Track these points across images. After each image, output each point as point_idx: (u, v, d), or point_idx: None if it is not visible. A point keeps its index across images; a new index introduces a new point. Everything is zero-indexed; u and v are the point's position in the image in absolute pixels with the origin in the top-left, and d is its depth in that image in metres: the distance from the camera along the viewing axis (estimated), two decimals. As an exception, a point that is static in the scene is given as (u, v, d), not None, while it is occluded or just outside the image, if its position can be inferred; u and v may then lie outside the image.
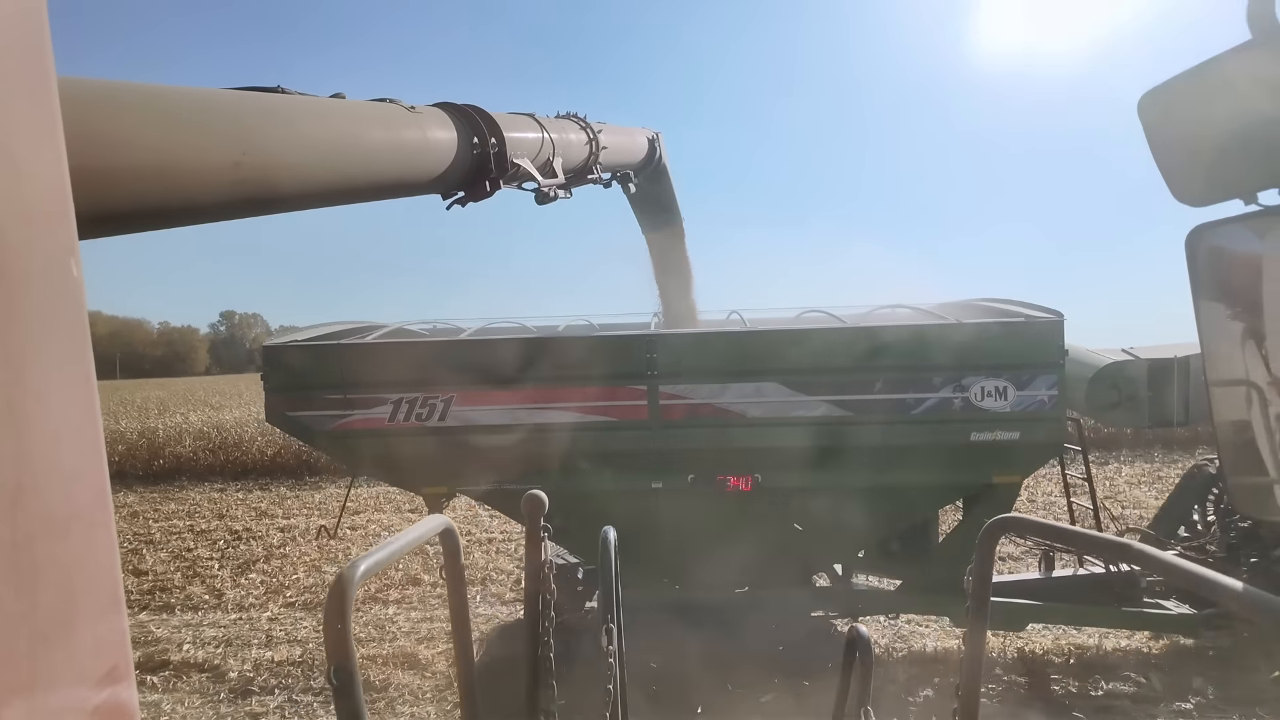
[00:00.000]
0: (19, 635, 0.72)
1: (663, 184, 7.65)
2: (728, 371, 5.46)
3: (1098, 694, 6.01)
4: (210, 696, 6.30)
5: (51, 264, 0.79)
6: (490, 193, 4.08)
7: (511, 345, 5.89)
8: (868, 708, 2.32)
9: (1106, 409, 5.96)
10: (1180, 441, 15.75)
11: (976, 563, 1.83)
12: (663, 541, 5.63)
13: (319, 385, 5.53)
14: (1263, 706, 5.46)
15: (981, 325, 5.51)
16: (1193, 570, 1.26)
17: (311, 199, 2.90)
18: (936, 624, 7.30)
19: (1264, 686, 5.66)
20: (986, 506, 5.65)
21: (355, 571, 1.24)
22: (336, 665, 1.17)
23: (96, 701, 0.81)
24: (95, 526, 0.83)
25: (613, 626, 2.28)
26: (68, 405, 0.81)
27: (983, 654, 1.84)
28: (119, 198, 1.92)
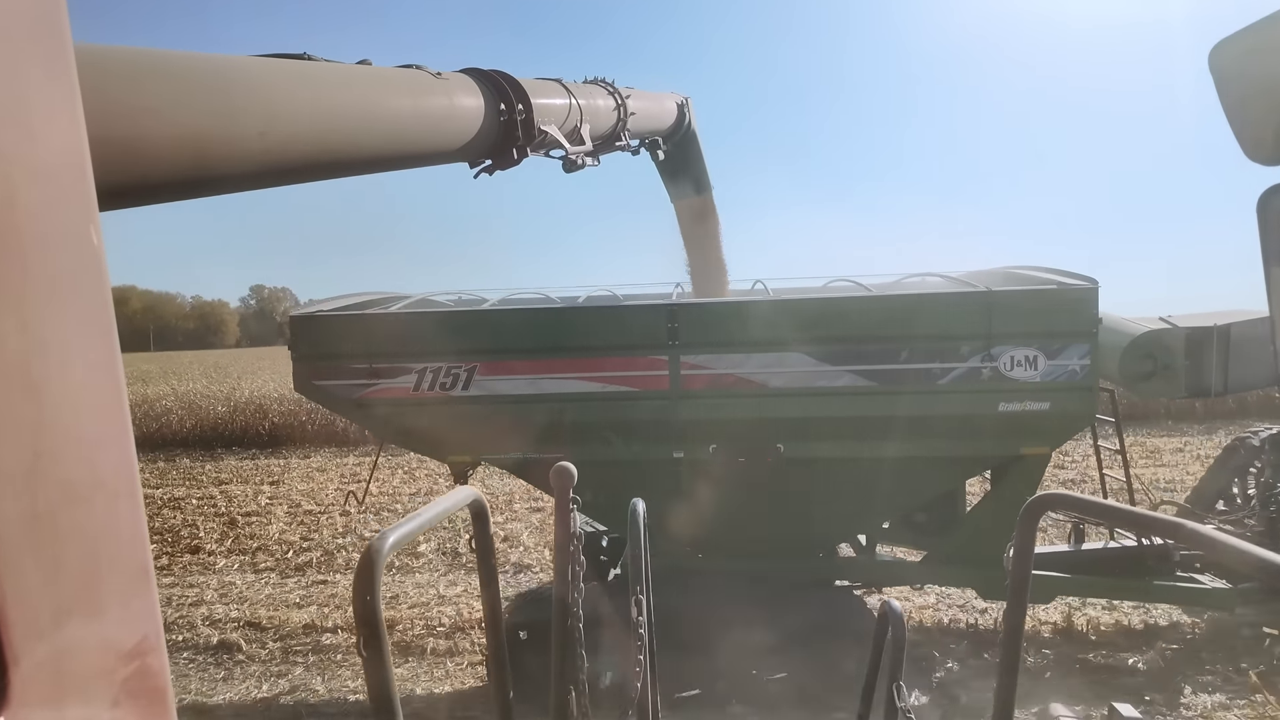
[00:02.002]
0: (41, 607, 0.71)
1: (692, 150, 7.53)
2: (750, 341, 5.40)
3: (1127, 666, 5.97)
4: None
5: (70, 232, 0.78)
6: (518, 160, 4.04)
7: (533, 315, 5.89)
8: (900, 683, 2.31)
9: (1142, 379, 5.83)
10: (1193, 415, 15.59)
11: (1018, 539, 1.79)
12: (684, 511, 5.62)
13: (345, 355, 5.56)
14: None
15: (1011, 293, 5.39)
16: (1254, 552, 1.21)
17: (338, 168, 2.87)
18: (960, 595, 7.27)
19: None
20: (1014, 478, 5.59)
21: (384, 543, 1.24)
22: (366, 636, 1.17)
23: (125, 673, 0.81)
24: (120, 496, 0.82)
25: (642, 597, 2.27)
26: (89, 373, 0.79)
27: (1022, 630, 1.81)
28: (145, 167, 1.90)
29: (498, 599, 1.84)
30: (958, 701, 5.49)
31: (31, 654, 0.69)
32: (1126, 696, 4.99)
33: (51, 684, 0.72)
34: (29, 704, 0.68)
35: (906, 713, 2.25)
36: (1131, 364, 5.81)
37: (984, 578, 5.84)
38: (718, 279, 7.92)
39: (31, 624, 0.69)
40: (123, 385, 0.83)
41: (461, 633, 7.06)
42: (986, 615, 6.89)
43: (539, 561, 8.82)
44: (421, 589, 8.24)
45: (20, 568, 0.69)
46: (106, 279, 0.81)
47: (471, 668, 6.40)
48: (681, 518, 5.63)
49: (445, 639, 6.91)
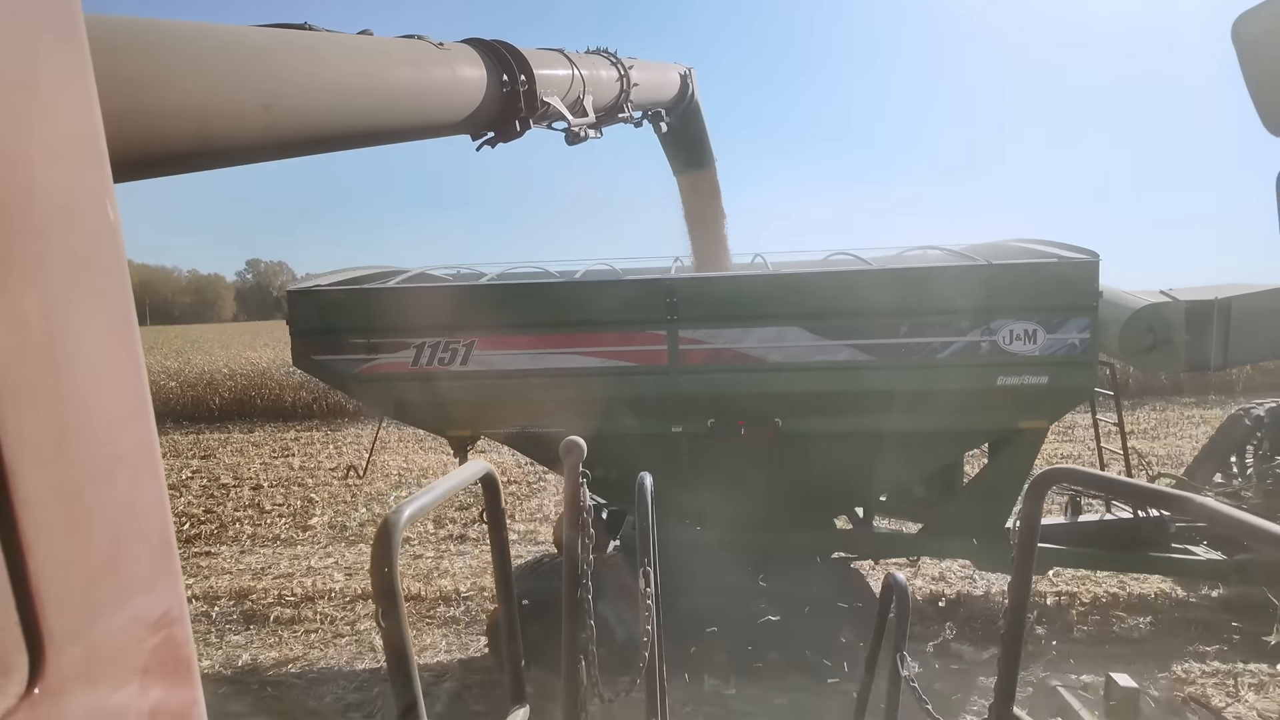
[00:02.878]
0: (71, 580, 0.72)
1: (695, 122, 7.46)
2: (749, 316, 5.39)
3: (1123, 636, 6.05)
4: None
5: (87, 206, 0.78)
6: (520, 133, 4.00)
7: (531, 290, 5.87)
8: (903, 652, 2.35)
9: (1141, 352, 5.83)
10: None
11: (1024, 512, 1.81)
12: (684, 484, 5.65)
13: (343, 330, 5.55)
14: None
15: (1010, 266, 5.38)
16: (1259, 525, 1.22)
17: (342, 141, 2.85)
18: (953, 567, 7.36)
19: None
20: (1012, 452, 5.62)
21: (400, 516, 1.25)
22: (385, 606, 1.19)
23: (153, 642, 0.82)
24: (142, 470, 0.83)
25: (650, 569, 2.30)
26: (109, 348, 0.80)
27: (1027, 601, 1.84)
28: (151, 140, 1.89)
29: (509, 570, 1.86)
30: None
31: (64, 627, 0.70)
32: (1122, 666, 5.08)
33: (83, 656, 0.73)
34: (63, 676, 0.69)
35: (910, 681, 2.29)
36: (1132, 338, 5.80)
37: (980, 549, 5.90)
38: (719, 253, 7.89)
39: (63, 598, 0.70)
40: (141, 360, 0.83)
41: (309, 603, 7.37)
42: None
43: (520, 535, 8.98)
44: (296, 560, 8.65)
45: (50, 544, 0.69)
46: (123, 254, 0.81)
47: (307, 635, 6.73)
48: (680, 492, 5.67)
49: (292, 608, 7.25)
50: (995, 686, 1.90)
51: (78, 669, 0.72)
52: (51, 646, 0.68)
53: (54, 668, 0.68)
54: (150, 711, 0.81)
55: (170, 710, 0.84)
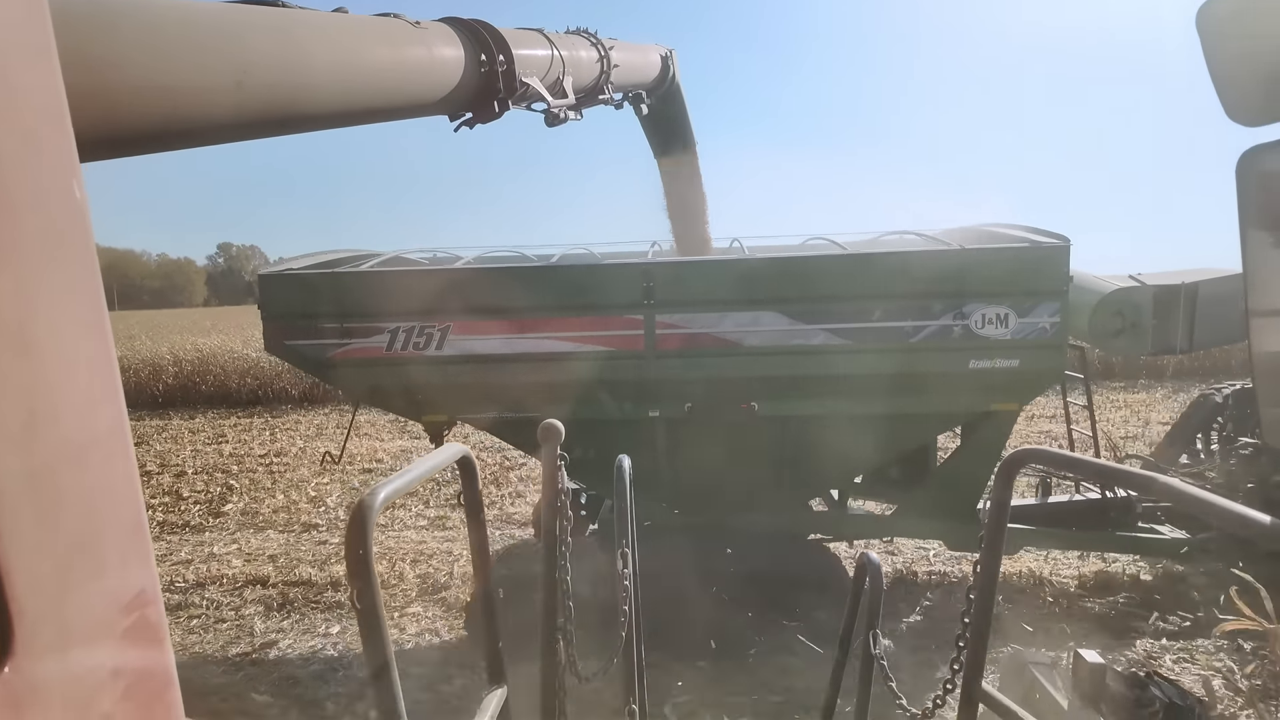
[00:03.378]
0: (43, 563, 0.72)
1: (676, 105, 7.43)
2: (725, 300, 5.41)
3: (1088, 613, 6.17)
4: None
5: (52, 186, 0.76)
6: (499, 114, 3.97)
7: (506, 274, 5.84)
8: (876, 630, 2.39)
9: (1110, 336, 5.93)
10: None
11: (995, 492, 1.85)
12: (661, 468, 5.67)
13: (316, 314, 5.49)
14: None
15: (983, 251, 5.44)
16: (1221, 504, 1.25)
17: (315, 121, 2.81)
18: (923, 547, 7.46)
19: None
20: (984, 434, 5.70)
21: (375, 499, 1.25)
22: (359, 589, 1.19)
23: (126, 624, 0.83)
24: (114, 454, 0.83)
25: (628, 550, 2.32)
26: (79, 331, 0.79)
27: (995, 581, 1.87)
28: (119, 119, 1.85)
29: (487, 553, 1.87)
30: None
31: (35, 607, 0.70)
32: (1089, 642, 5.19)
33: (55, 636, 0.73)
34: (33, 654, 0.69)
35: (881, 659, 2.33)
36: (1101, 321, 5.89)
37: (952, 530, 5.98)
38: (700, 237, 7.88)
39: (33, 579, 0.70)
40: (111, 342, 0.82)
41: (198, 589, 7.38)
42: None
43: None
44: (200, 546, 8.64)
45: (20, 525, 0.69)
46: (91, 234, 0.80)
47: (188, 620, 6.71)
48: (657, 475, 5.69)
49: (180, 594, 7.25)
50: (964, 662, 1.94)
51: (49, 650, 0.72)
52: (21, 627, 0.68)
53: (24, 648, 0.68)
54: (125, 692, 0.81)
55: (145, 690, 0.84)
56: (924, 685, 5.12)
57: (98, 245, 0.84)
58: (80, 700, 0.76)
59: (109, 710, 0.79)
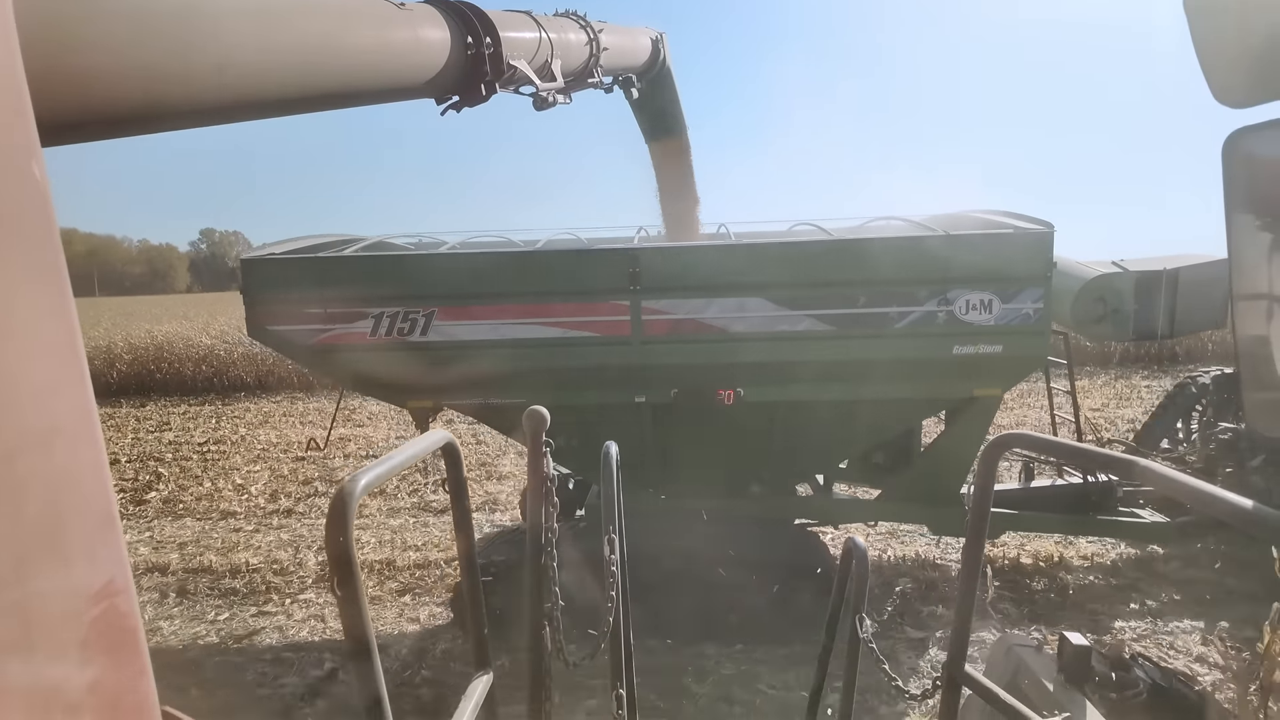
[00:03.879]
0: (4, 552, 0.71)
1: (666, 88, 7.36)
2: (711, 286, 5.40)
3: (1065, 596, 6.24)
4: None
5: (10, 166, 0.74)
6: (486, 97, 3.92)
7: (491, 259, 5.81)
8: (862, 614, 2.41)
9: (1092, 322, 5.96)
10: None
11: (979, 476, 1.85)
12: (647, 454, 5.68)
13: (299, 299, 5.45)
14: (1222, 610, 5.68)
15: (967, 237, 5.44)
16: (1200, 487, 1.26)
17: (299, 104, 2.76)
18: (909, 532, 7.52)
19: (1230, 593, 5.87)
20: (966, 419, 5.72)
21: (356, 485, 1.23)
22: (340, 577, 1.19)
23: (93, 614, 0.81)
24: (80, 441, 0.81)
25: (615, 535, 2.33)
26: (40, 316, 0.77)
27: (979, 563, 1.88)
28: (99, 100, 1.81)
29: (472, 539, 1.87)
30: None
31: None
32: (1070, 625, 5.25)
33: (18, 626, 0.71)
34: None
35: (868, 643, 2.35)
36: (1083, 307, 5.93)
37: (936, 514, 6.03)
38: (690, 221, 7.84)
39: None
40: (76, 328, 0.80)
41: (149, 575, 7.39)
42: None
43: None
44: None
45: None
46: (53, 216, 0.78)
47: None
48: (644, 461, 5.70)
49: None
50: (948, 645, 1.95)
51: (13, 638, 0.70)
52: None
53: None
54: (93, 684, 0.80)
55: (115, 682, 0.83)
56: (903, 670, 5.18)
57: (77, 231, 0.83)
58: (46, 694, 0.74)
59: (77, 701, 0.77)
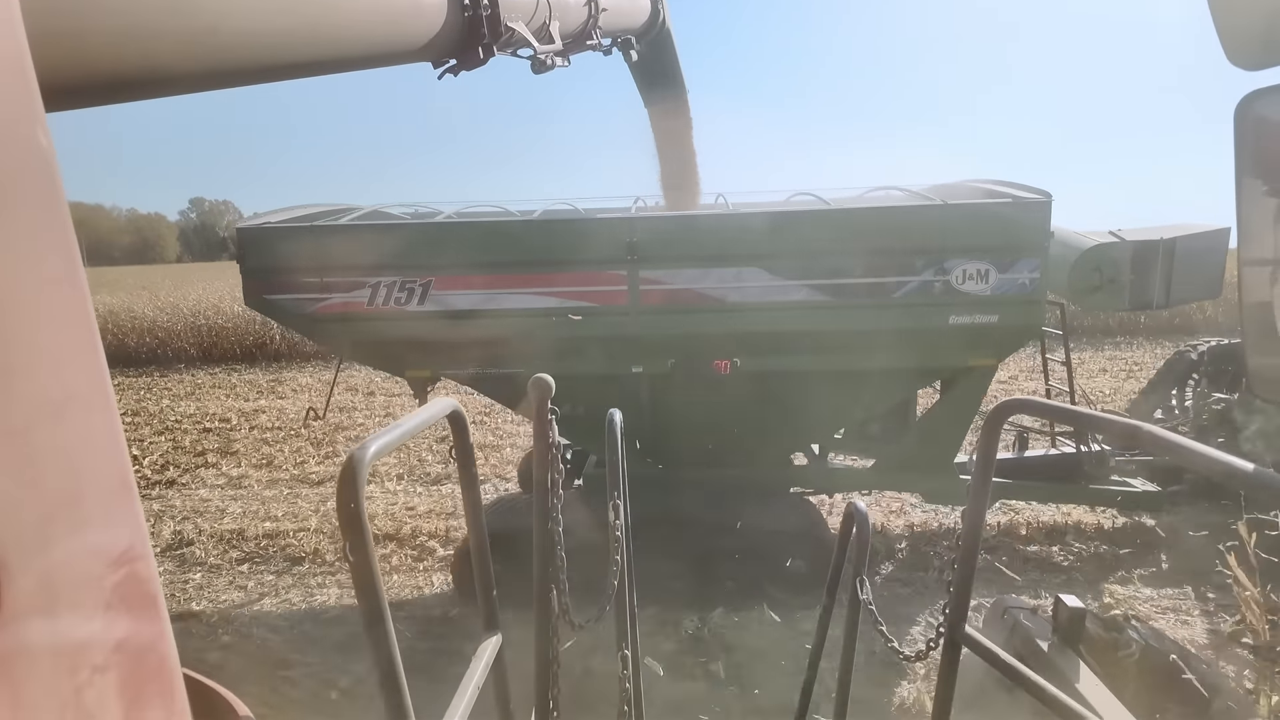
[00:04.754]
0: (26, 521, 0.71)
1: (666, 50, 7.24)
2: (708, 256, 5.39)
3: (1057, 562, 6.32)
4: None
5: (15, 133, 0.73)
6: (483, 60, 3.86)
7: (488, 228, 5.79)
8: (863, 577, 2.45)
9: (1088, 292, 5.97)
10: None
11: (982, 442, 1.87)
12: (644, 423, 5.70)
13: (296, 268, 5.43)
14: (1211, 579, 5.77)
15: (964, 206, 5.43)
16: (1208, 453, 1.27)
17: (295, 69, 2.72)
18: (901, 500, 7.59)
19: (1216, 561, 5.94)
20: (961, 389, 5.76)
21: (366, 453, 1.24)
22: (352, 543, 1.20)
23: (115, 579, 0.82)
24: (94, 409, 0.81)
25: (619, 502, 2.37)
26: (51, 283, 0.76)
27: (981, 527, 1.91)
28: (88, 66, 1.79)
29: (479, 505, 1.89)
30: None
31: (21, 564, 0.69)
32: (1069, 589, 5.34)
33: (43, 592, 0.72)
34: (22, 611, 0.69)
35: (868, 605, 2.39)
36: (1079, 277, 5.92)
37: (930, 483, 6.08)
38: (691, 186, 7.77)
39: (18, 536, 0.69)
40: (87, 294, 0.80)
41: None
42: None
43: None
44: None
45: (1, 482, 0.68)
46: (60, 183, 0.78)
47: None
48: (640, 430, 5.72)
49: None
50: (949, 607, 1.99)
51: (38, 604, 0.71)
52: (9, 585, 0.68)
53: (12, 605, 0.68)
54: (116, 645, 0.81)
55: (137, 644, 0.84)
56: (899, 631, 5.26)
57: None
58: (72, 654, 0.76)
59: (101, 663, 0.79)
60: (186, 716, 0.93)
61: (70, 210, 0.78)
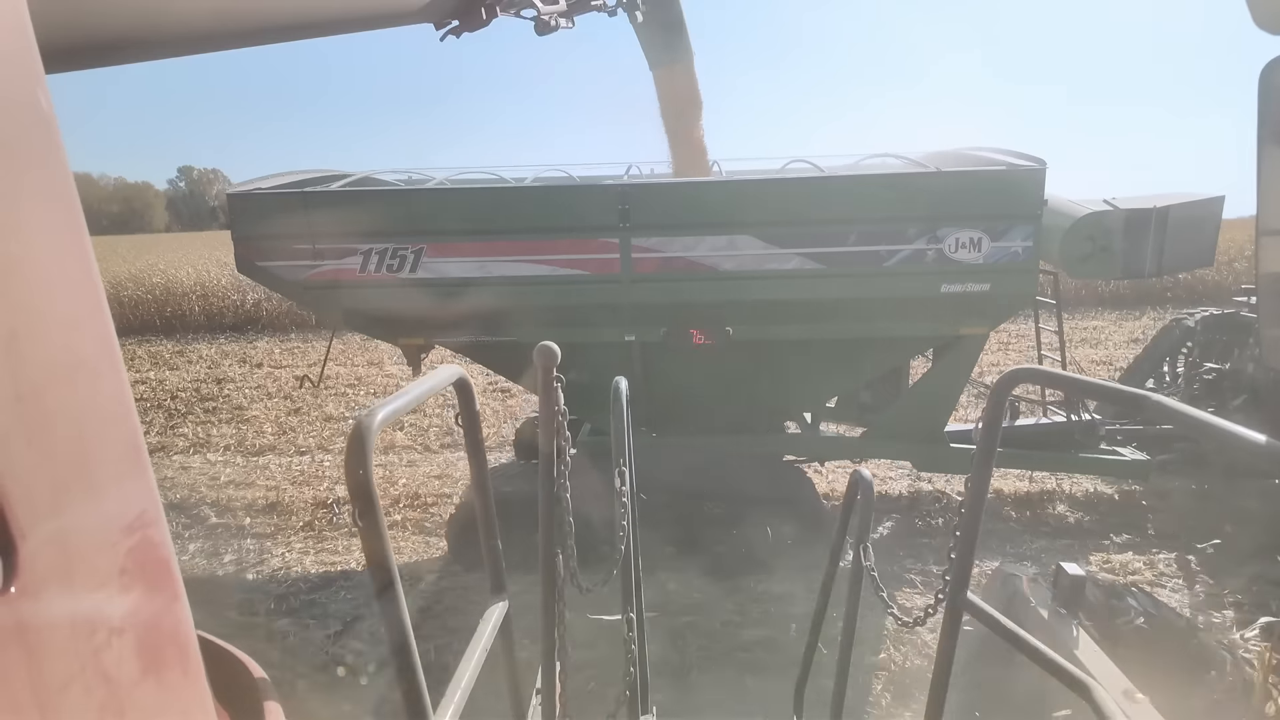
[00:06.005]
0: (39, 486, 0.71)
1: (672, 10, 7.08)
2: (700, 224, 5.37)
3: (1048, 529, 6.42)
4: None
5: (16, 96, 0.72)
6: (486, 21, 3.78)
7: (480, 195, 5.75)
8: (866, 543, 2.48)
9: (1081, 260, 5.97)
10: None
11: (988, 410, 1.88)
12: (637, 391, 5.71)
13: (287, 235, 5.40)
14: (1196, 543, 5.86)
15: (958, 174, 5.41)
16: (1217, 424, 1.28)
17: (296, 30, 2.67)
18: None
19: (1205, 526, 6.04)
20: (952, 358, 5.78)
21: (373, 420, 1.25)
22: (361, 509, 1.21)
23: (128, 545, 0.82)
24: (102, 374, 0.81)
25: (625, 468, 2.40)
26: (58, 249, 0.76)
27: (985, 494, 1.92)
28: (85, 26, 1.75)
29: (485, 469, 1.90)
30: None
31: (35, 529, 0.70)
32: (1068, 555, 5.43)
33: (58, 557, 0.73)
34: (37, 576, 0.70)
35: (870, 570, 2.42)
36: (1072, 246, 5.92)
37: (921, 451, 6.13)
38: (697, 150, 7.67)
39: (31, 501, 0.70)
40: (92, 259, 0.80)
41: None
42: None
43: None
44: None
45: (13, 448, 0.68)
46: (62, 147, 0.77)
47: None
48: (634, 399, 5.73)
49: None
50: (950, 573, 2.01)
51: (53, 570, 0.72)
52: (24, 547, 0.68)
53: (28, 570, 0.68)
54: (131, 609, 0.82)
55: (152, 608, 0.85)
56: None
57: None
58: (89, 619, 0.77)
59: (118, 626, 0.80)
60: (202, 678, 0.94)
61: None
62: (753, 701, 4.18)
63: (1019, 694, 2.90)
